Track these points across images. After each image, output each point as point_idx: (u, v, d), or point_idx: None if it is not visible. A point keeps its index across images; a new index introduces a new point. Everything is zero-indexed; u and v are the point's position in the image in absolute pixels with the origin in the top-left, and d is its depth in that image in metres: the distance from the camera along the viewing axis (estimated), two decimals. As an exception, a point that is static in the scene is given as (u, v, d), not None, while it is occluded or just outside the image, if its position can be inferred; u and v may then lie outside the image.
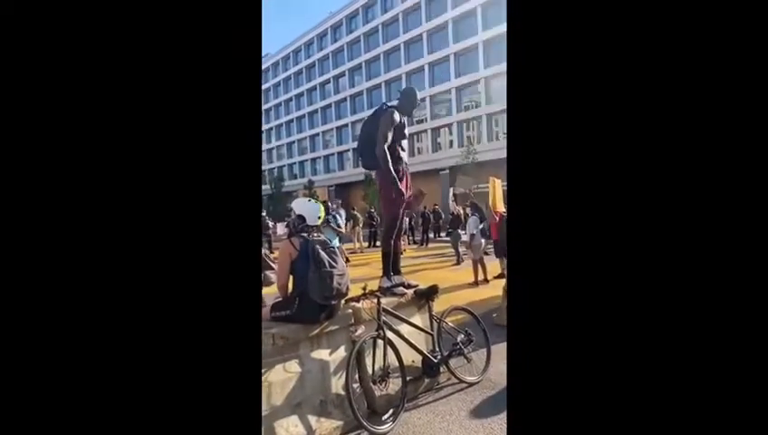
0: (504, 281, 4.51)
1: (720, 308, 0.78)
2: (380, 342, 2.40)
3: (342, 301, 2.46)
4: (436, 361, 2.71)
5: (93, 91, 0.84)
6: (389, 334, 2.46)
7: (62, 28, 0.82)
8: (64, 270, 0.84)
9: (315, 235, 2.40)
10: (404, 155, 3.03)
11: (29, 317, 0.81)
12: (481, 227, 6.96)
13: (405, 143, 3.05)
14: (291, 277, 2.39)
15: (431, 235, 15.30)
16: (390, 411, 2.36)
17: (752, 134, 0.76)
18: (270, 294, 2.59)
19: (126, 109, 0.86)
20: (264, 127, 41.64)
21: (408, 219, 12.71)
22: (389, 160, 2.85)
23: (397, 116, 2.94)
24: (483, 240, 6.81)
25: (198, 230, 0.90)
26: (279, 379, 2.12)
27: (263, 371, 2.05)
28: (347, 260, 9.14)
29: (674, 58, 0.80)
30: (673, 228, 0.80)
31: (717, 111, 0.78)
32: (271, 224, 6.12)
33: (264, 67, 40.76)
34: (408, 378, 2.49)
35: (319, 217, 2.54)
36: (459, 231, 8.73)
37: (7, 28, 0.79)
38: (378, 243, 13.30)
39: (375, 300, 2.48)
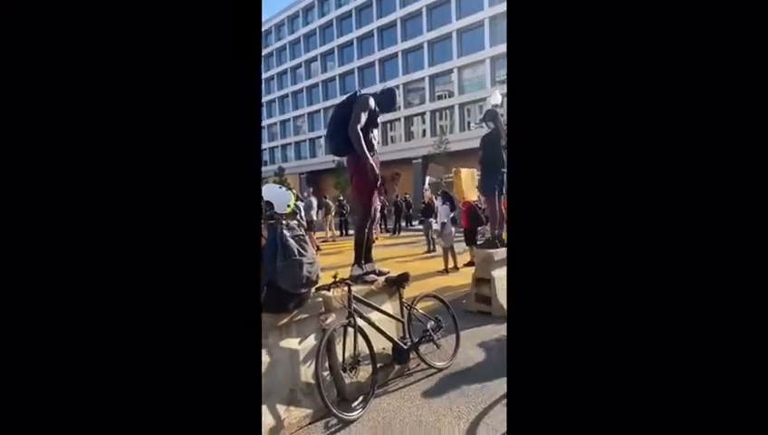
0: (473, 269, 4.61)
1: (720, 304, 0.77)
2: (351, 329, 2.40)
3: (312, 289, 2.43)
4: (406, 347, 2.74)
5: (88, 80, 0.83)
6: (360, 322, 2.46)
7: (59, 19, 0.81)
8: (60, 262, 0.82)
9: (284, 223, 2.34)
10: (375, 144, 3.01)
11: (28, 316, 0.81)
12: (452, 215, 7.06)
13: (377, 133, 3.03)
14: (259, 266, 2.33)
15: (403, 223, 15.41)
16: (360, 398, 2.37)
17: (752, 133, 0.76)
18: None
19: (124, 108, 0.85)
20: (233, 111, 40.02)
21: (380, 208, 12.72)
22: (363, 141, 2.80)
23: (372, 103, 2.91)
24: (453, 229, 6.92)
25: (196, 225, 0.88)
26: (246, 369, 2.08)
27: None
28: (318, 248, 9.07)
29: (674, 56, 0.79)
30: (672, 225, 0.80)
31: (718, 107, 0.78)
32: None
33: (231, 48, 38.96)
34: (378, 365, 2.51)
35: (288, 206, 2.48)
36: (431, 220, 8.83)
37: (7, 28, 0.79)
38: (350, 231, 13.28)
39: (345, 288, 2.47)
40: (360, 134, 2.80)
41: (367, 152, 2.82)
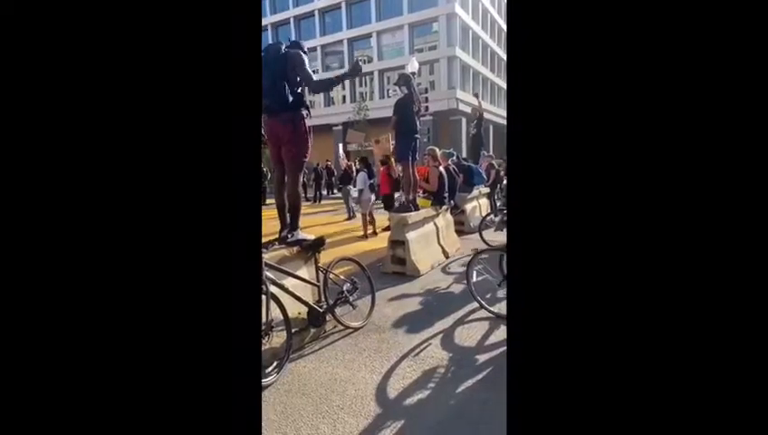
0: (389, 233, 4.75)
1: (720, 300, 0.78)
2: (263, 297, 2.33)
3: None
4: (321, 310, 2.77)
5: (88, 79, 0.84)
6: (273, 289, 2.41)
7: (59, 19, 0.83)
8: (58, 260, 0.83)
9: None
10: None
11: (28, 318, 0.81)
12: (370, 182, 7.13)
13: None
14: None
15: (324, 191, 15.21)
16: (275, 364, 2.36)
17: (752, 134, 0.76)
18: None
19: (122, 107, 0.86)
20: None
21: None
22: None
23: (306, 58, 2.89)
24: (372, 195, 7.01)
25: (196, 223, 0.89)
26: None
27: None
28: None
29: (675, 54, 0.79)
30: (675, 222, 0.80)
31: (719, 104, 0.78)
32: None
33: None
34: (293, 330, 2.50)
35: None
36: (349, 187, 8.84)
37: (7, 28, 0.81)
38: (266, 201, 12.71)
39: (256, 255, 2.38)
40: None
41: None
